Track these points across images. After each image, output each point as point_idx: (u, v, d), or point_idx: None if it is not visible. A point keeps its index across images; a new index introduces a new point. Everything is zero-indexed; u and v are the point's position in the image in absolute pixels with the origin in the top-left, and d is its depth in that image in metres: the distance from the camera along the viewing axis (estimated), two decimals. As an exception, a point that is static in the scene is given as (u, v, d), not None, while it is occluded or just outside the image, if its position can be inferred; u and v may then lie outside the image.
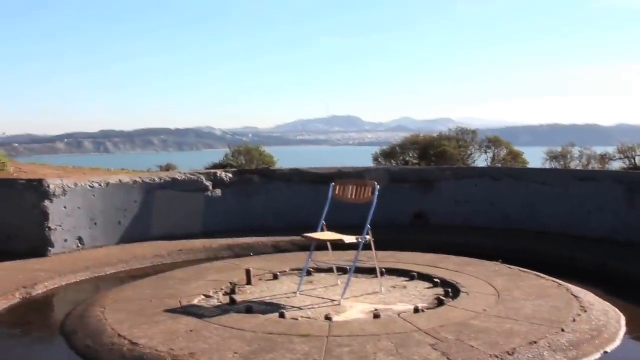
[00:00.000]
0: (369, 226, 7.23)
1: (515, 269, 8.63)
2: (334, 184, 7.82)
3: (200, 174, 12.31)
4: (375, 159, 22.39)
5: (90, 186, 10.82)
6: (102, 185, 10.97)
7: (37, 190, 10.17)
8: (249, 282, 8.05)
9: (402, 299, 7.33)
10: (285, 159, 23.19)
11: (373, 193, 7.35)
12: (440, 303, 6.99)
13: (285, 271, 8.68)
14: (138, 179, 11.48)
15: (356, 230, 7.41)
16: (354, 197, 7.59)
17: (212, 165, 20.97)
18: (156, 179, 11.69)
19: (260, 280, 8.30)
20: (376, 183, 7.41)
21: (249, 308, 6.79)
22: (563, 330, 5.96)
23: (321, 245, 7.79)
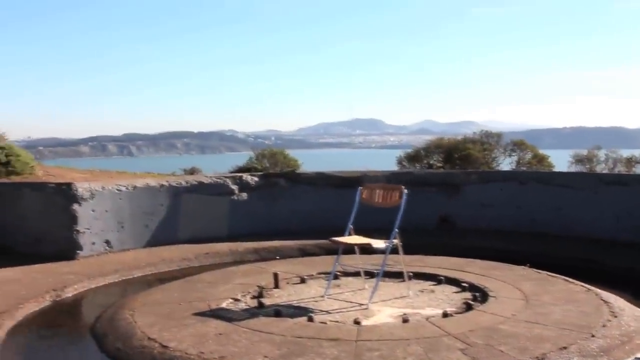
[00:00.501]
0: (396, 230, 7.23)
1: (543, 273, 8.59)
2: (361, 187, 7.82)
3: (226, 177, 12.38)
4: (399, 162, 22.36)
5: (117, 190, 10.91)
6: (129, 188, 11.06)
7: (66, 193, 10.28)
8: (276, 286, 8.08)
9: (430, 303, 7.32)
10: (308, 162, 23.20)
11: (401, 197, 7.35)
12: (468, 307, 6.97)
13: (312, 275, 8.71)
14: (165, 183, 11.56)
15: (381, 233, 7.43)
16: (381, 201, 7.59)
17: (236, 168, 21.04)
18: (183, 183, 11.76)
19: (288, 283, 8.33)
20: (404, 187, 7.40)
21: (278, 312, 6.82)
22: (593, 336, 5.93)
23: (348, 249, 7.80)
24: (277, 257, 10.44)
